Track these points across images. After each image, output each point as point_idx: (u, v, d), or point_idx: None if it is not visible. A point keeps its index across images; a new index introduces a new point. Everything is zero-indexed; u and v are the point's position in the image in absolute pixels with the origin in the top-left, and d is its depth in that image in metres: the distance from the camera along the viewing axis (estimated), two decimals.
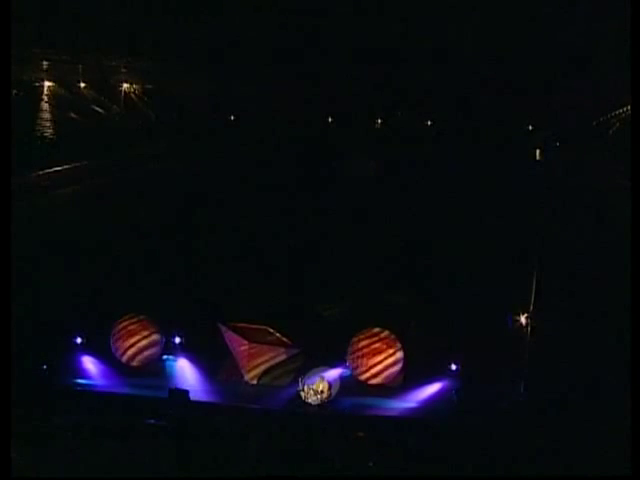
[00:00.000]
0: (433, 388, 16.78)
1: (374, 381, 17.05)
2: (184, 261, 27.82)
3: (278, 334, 19.04)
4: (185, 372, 17.58)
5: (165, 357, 18.13)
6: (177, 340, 18.66)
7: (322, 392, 16.07)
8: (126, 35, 24.69)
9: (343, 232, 32.72)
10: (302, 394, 16.11)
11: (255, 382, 17.25)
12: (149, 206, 38.52)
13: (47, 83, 32.77)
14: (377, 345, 17.18)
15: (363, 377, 17.14)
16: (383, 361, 17.01)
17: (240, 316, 21.67)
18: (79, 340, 18.43)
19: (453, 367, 17.10)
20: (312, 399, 16.01)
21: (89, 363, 17.77)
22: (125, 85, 31.20)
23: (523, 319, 16.23)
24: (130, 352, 17.55)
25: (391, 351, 17.17)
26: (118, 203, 39.11)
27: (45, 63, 29.76)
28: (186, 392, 16.04)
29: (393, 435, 14.59)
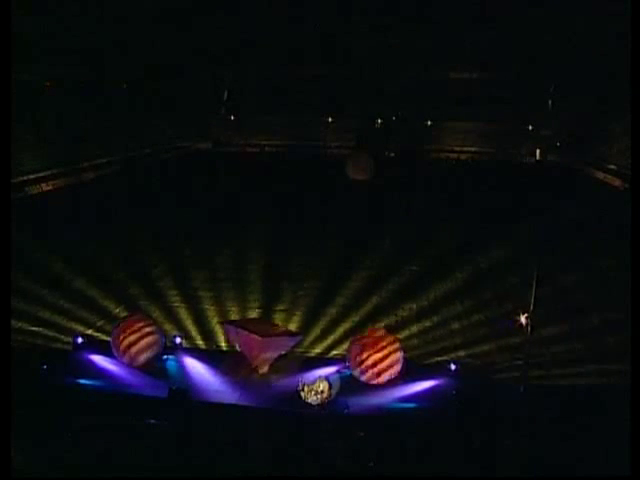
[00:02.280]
0: (432, 388, 16.76)
1: (374, 381, 17.04)
2: (183, 261, 27.89)
3: (278, 324, 19.28)
4: (187, 371, 17.57)
5: (165, 357, 18.12)
6: (177, 340, 18.67)
7: (322, 392, 16.05)
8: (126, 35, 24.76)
9: (341, 232, 32.79)
10: (302, 394, 16.11)
11: (266, 373, 17.38)
12: (148, 205, 38.66)
13: (47, 83, 32.73)
14: (377, 344, 17.15)
15: (363, 377, 17.14)
16: (383, 360, 16.97)
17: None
18: (79, 340, 18.42)
19: (453, 367, 17.09)
20: (312, 399, 16.00)
21: (89, 363, 17.75)
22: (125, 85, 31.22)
23: (523, 319, 16.19)
24: (130, 352, 17.52)
25: (391, 351, 17.14)
26: (118, 202, 39.22)
27: (45, 63, 29.82)
28: (186, 392, 16.04)
29: (393, 435, 14.58)
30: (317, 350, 19.66)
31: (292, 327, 20.78)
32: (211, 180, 49.18)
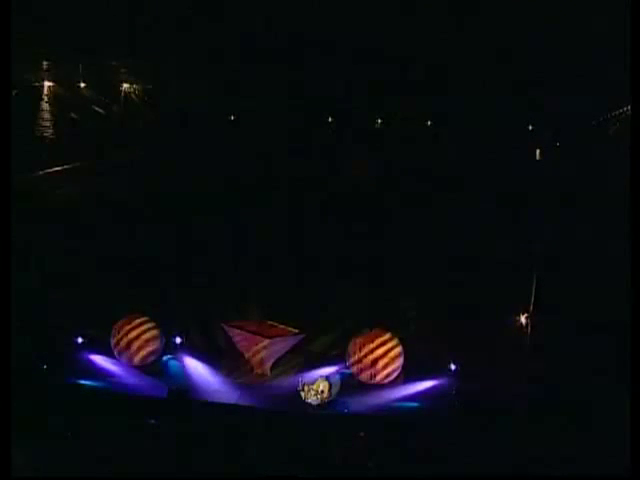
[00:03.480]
0: (432, 388, 16.79)
1: (374, 381, 17.08)
2: (183, 261, 27.83)
3: (280, 325, 19.40)
4: (187, 372, 17.61)
5: (165, 357, 18.15)
6: (177, 340, 18.68)
7: (322, 392, 16.10)
8: (126, 35, 24.74)
9: (341, 232, 32.69)
10: (302, 394, 16.14)
11: (266, 373, 17.46)
12: (149, 205, 38.52)
13: (47, 83, 32.78)
14: (377, 345, 17.19)
15: (363, 377, 17.17)
16: (383, 360, 17.02)
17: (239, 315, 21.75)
18: (79, 340, 18.44)
19: (453, 367, 17.12)
20: (312, 399, 16.04)
21: (89, 363, 17.79)
22: (125, 85, 31.20)
23: (523, 319, 16.23)
24: (130, 352, 17.58)
25: (391, 351, 17.18)
26: (118, 203, 39.10)
27: (45, 63, 29.82)
28: (186, 392, 16.07)
29: (393, 435, 14.60)
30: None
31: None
32: None
